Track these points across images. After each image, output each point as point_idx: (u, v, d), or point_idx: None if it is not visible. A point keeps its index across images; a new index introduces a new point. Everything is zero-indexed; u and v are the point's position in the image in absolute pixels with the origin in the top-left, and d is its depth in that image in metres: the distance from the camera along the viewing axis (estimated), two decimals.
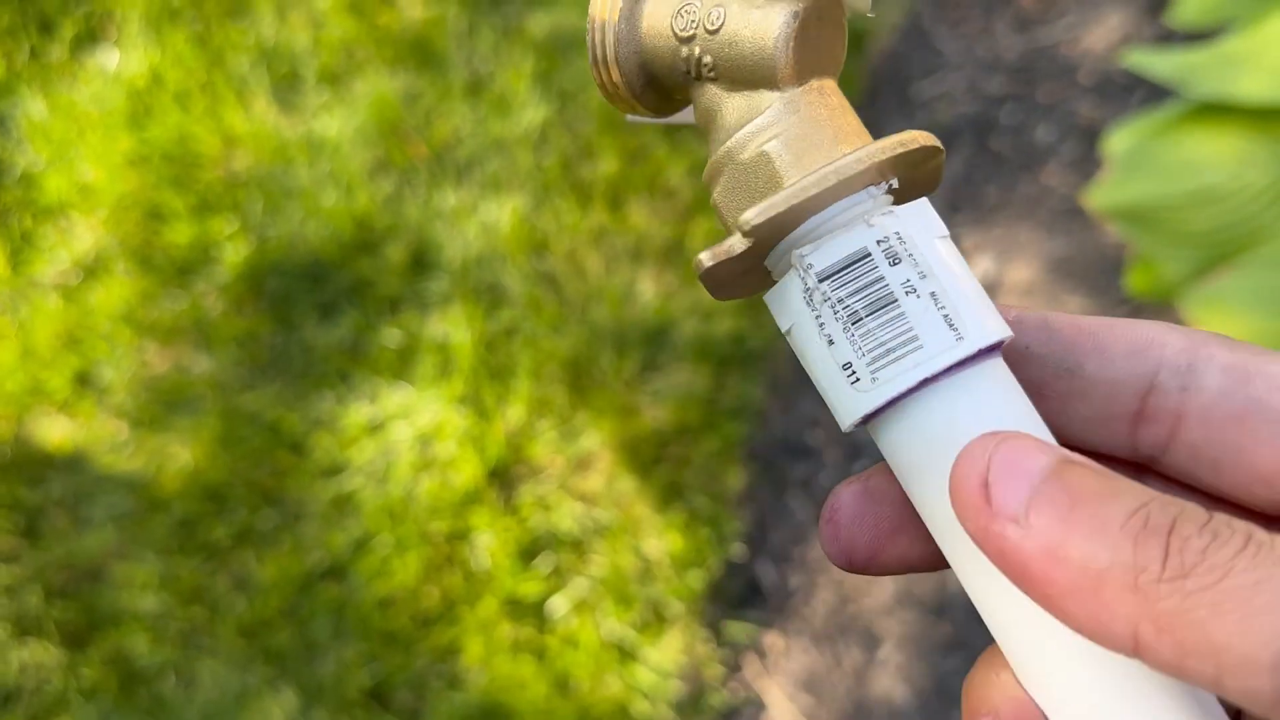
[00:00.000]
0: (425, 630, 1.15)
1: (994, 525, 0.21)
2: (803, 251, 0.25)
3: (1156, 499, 0.20)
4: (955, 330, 0.24)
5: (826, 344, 0.25)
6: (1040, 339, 0.27)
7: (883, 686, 1.12)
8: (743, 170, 0.27)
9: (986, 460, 0.22)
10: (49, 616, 1.17)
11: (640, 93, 0.30)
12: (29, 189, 1.45)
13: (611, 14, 0.29)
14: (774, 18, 0.27)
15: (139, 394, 1.29)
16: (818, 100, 0.27)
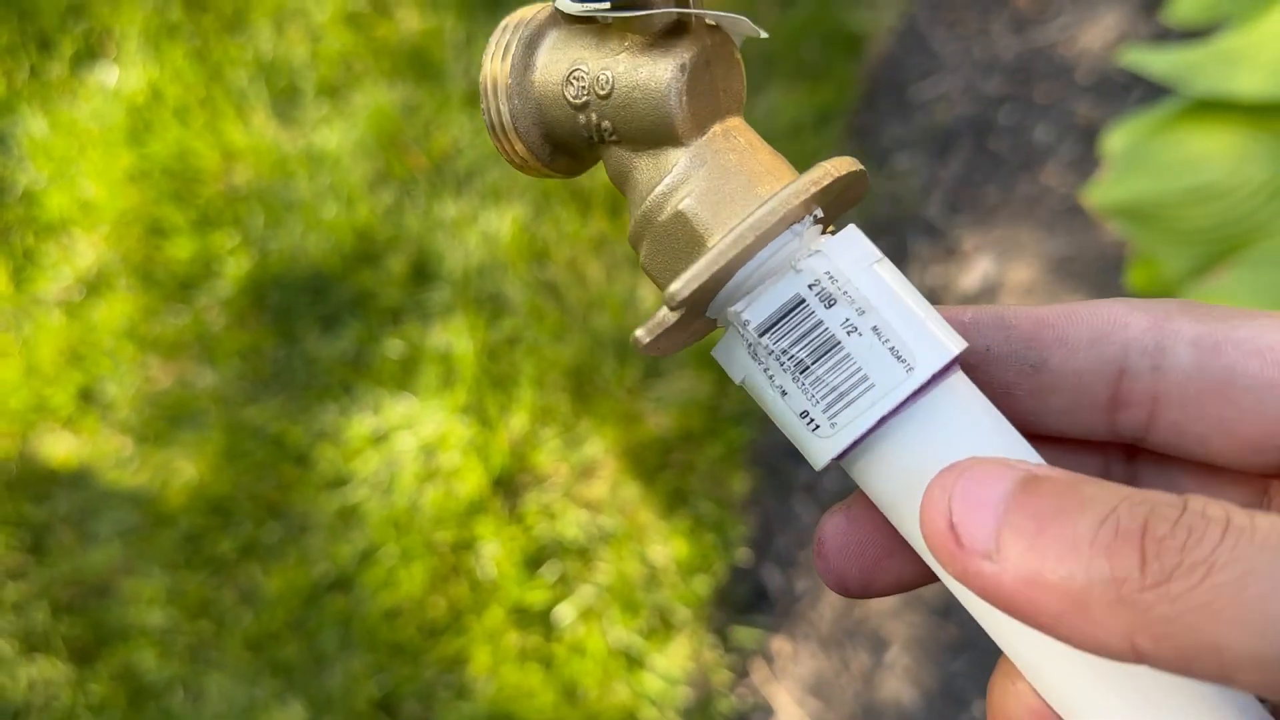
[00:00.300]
0: (432, 640, 1.15)
1: (970, 565, 0.20)
2: (737, 309, 0.25)
3: (1125, 500, 0.19)
4: (904, 362, 0.24)
5: (780, 395, 0.25)
6: (999, 339, 0.26)
7: (891, 689, 1.12)
8: (663, 232, 0.26)
9: (947, 500, 0.21)
10: (56, 633, 1.17)
11: (550, 161, 0.29)
12: (31, 206, 1.46)
13: (502, 87, 0.28)
14: (661, 74, 0.26)
15: (143, 409, 1.29)
16: (724, 146, 0.27)
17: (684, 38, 0.26)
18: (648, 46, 0.27)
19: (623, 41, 0.27)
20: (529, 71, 0.28)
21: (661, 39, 0.27)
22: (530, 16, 0.29)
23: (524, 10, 0.29)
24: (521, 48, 0.28)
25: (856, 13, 1.54)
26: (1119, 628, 0.18)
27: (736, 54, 0.28)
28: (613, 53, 0.27)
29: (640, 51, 0.27)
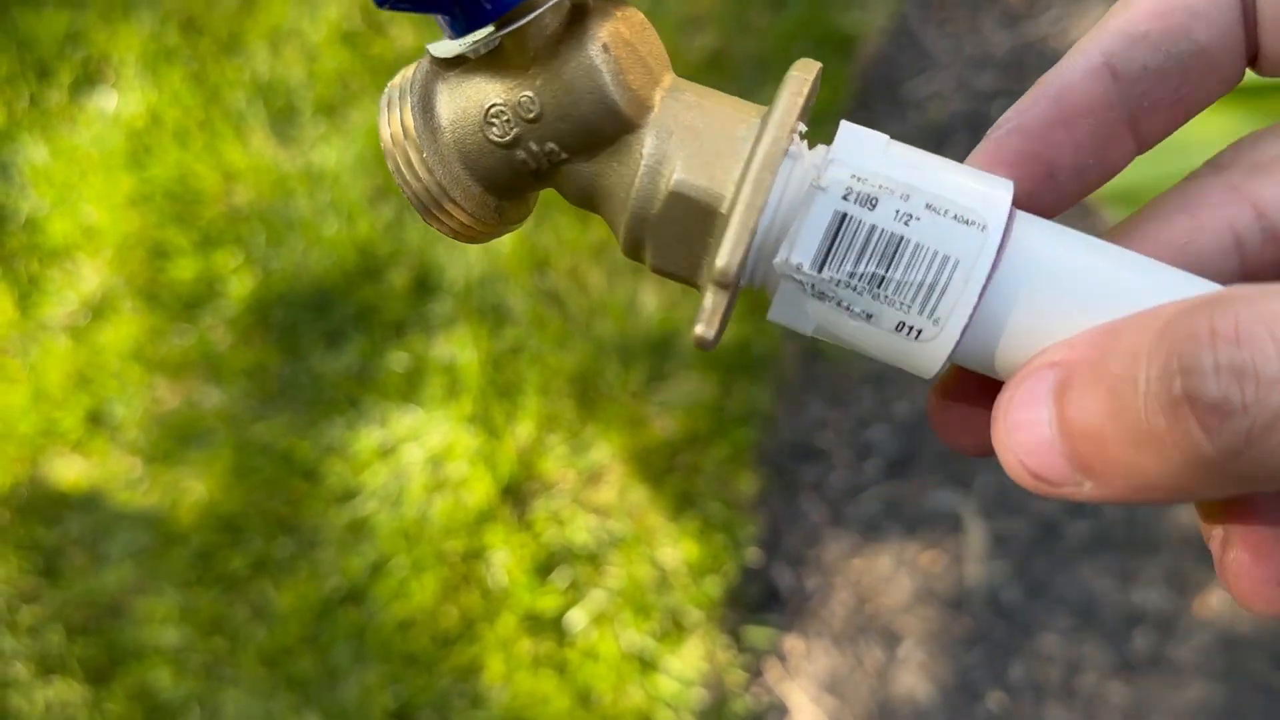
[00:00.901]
0: (446, 650, 1.15)
1: (1073, 495, 0.21)
2: (781, 258, 0.23)
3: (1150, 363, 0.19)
4: (973, 224, 0.22)
5: (866, 320, 0.23)
6: (1142, 56, 0.25)
7: (905, 684, 1.12)
8: (665, 223, 0.24)
9: (1010, 449, 0.21)
10: (71, 654, 1.17)
11: (499, 217, 0.27)
12: (34, 233, 1.47)
13: (417, 163, 0.26)
14: (586, 66, 0.24)
15: (151, 430, 1.30)
16: (680, 108, 0.25)
17: (587, 21, 0.24)
18: (555, 48, 0.24)
19: (525, 56, 0.24)
20: (438, 135, 0.25)
21: (565, 34, 0.24)
22: (410, 78, 0.26)
23: (398, 76, 0.26)
24: (418, 115, 0.25)
25: (848, 14, 1.55)
26: (1221, 486, 0.19)
27: (639, 15, 0.26)
28: (520, 73, 0.24)
29: (550, 57, 0.24)
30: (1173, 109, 0.25)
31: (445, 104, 0.25)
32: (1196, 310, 0.19)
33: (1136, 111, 0.25)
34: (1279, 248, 0.25)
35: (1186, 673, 1.09)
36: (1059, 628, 1.13)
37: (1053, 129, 0.25)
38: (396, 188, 1.41)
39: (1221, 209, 0.25)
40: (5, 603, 1.21)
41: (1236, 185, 0.26)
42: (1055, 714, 1.09)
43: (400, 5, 0.23)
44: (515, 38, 0.24)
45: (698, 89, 0.25)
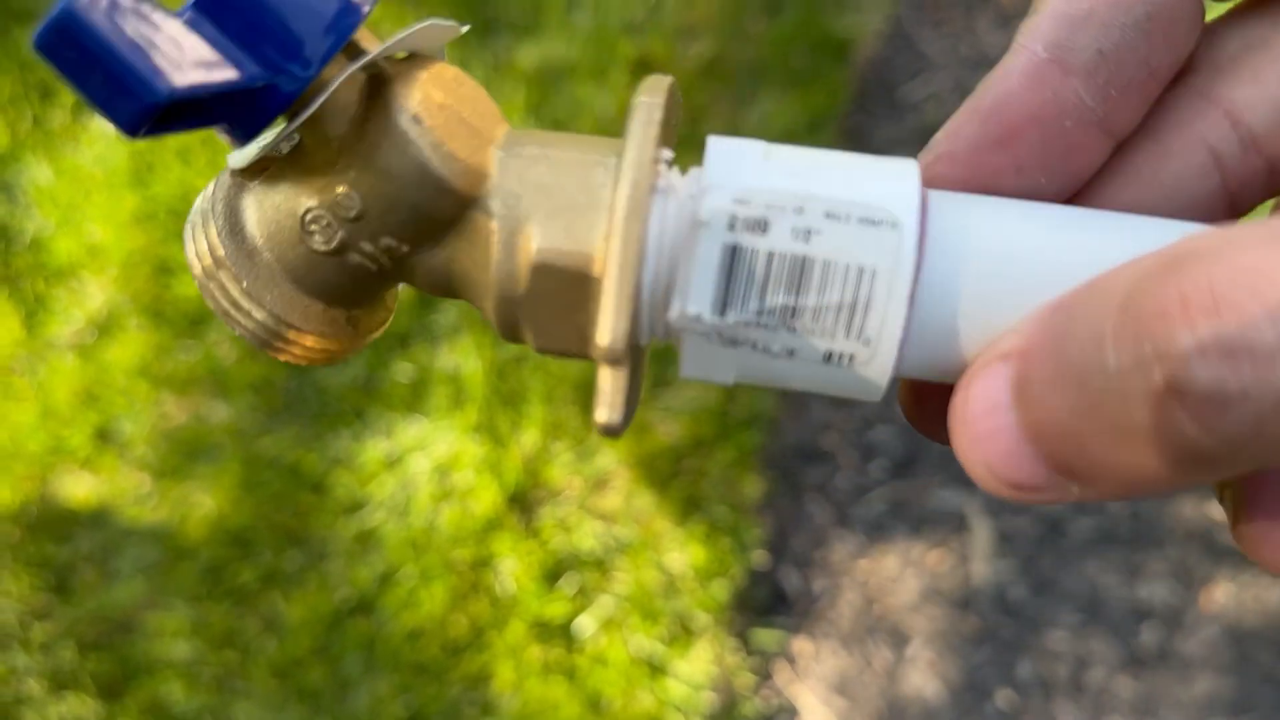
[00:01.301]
0: (456, 659, 1.16)
1: (1054, 498, 0.18)
2: (675, 312, 0.20)
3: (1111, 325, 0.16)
4: (882, 223, 0.19)
5: (789, 358, 0.20)
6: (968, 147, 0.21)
7: (914, 683, 1.12)
8: (536, 299, 0.21)
9: (977, 462, 0.19)
10: (84, 670, 1.18)
11: (355, 330, 0.24)
12: (39, 253, 1.48)
13: (242, 296, 0.22)
14: (401, 144, 0.21)
15: (159, 445, 1.31)
16: (523, 164, 0.21)
17: (388, 90, 0.21)
18: (360, 130, 0.21)
19: (329, 147, 0.21)
20: (255, 258, 0.22)
21: (368, 112, 0.21)
22: (211, 198, 0.23)
23: (199, 198, 0.23)
24: (228, 240, 0.22)
25: (843, 17, 1.56)
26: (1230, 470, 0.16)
27: (451, 69, 0.23)
28: (329, 168, 0.21)
29: (357, 142, 0.21)
30: (1148, 83, 0.21)
31: (255, 220, 0.22)
32: (1159, 276, 0.16)
33: (1103, 105, 0.21)
34: (1262, 156, 0.22)
35: (1195, 667, 1.09)
36: (1066, 624, 1.13)
37: (987, 153, 0.22)
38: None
39: (1190, 124, 0.22)
40: (17, 620, 1.21)
41: (1202, 91, 0.22)
42: (1064, 710, 1.09)
43: (161, 129, 0.18)
44: (311, 128, 0.21)
45: (540, 137, 0.22)
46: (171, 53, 0.18)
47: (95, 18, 0.17)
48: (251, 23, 0.19)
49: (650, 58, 1.53)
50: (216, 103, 0.19)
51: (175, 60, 0.17)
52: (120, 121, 0.17)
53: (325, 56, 0.20)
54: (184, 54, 0.18)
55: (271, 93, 0.19)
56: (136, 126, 0.17)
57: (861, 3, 1.58)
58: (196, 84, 0.18)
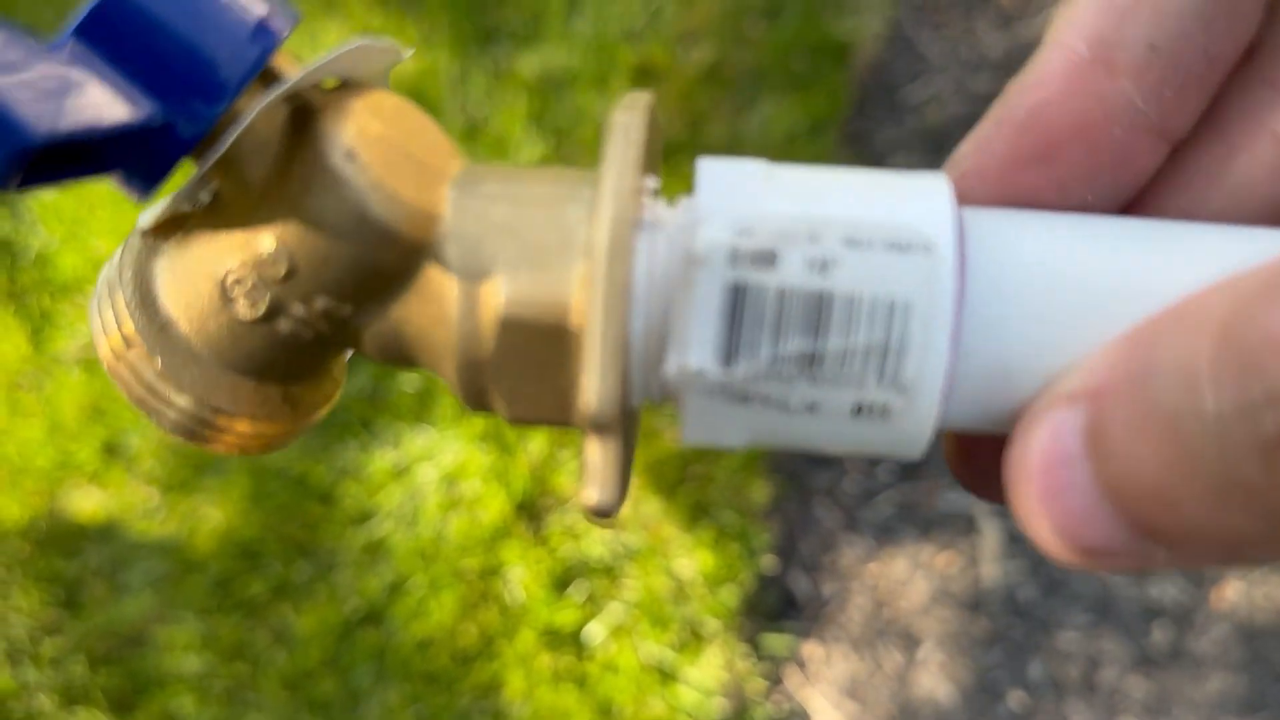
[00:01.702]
0: (466, 668, 1.16)
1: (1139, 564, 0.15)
2: (671, 368, 0.17)
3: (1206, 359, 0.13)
4: (914, 247, 0.16)
5: (810, 414, 0.17)
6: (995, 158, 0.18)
7: (926, 686, 1.12)
8: (505, 363, 0.18)
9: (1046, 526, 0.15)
10: (95, 684, 1.18)
11: (293, 410, 0.20)
12: (45, 269, 1.48)
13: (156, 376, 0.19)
14: (333, 181, 0.17)
15: (167, 459, 1.31)
16: (482, 204, 0.18)
17: (316, 122, 0.18)
18: (286, 170, 0.18)
19: (249, 197, 0.18)
20: (169, 331, 0.19)
21: (294, 149, 0.18)
22: (118, 267, 0.19)
23: (102, 275, 0.20)
24: (138, 313, 0.19)
25: (842, 21, 1.56)
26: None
27: (392, 97, 0.20)
28: (250, 219, 0.18)
29: (283, 184, 0.18)
30: (1209, 75, 0.18)
31: (168, 288, 0.19)
32: (1266, 298, 0.13)
33: (1157, 108, 0.18)
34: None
35: (1206, 665, 1.09)
36: (1077, 624, 1.13)
37: (1023, 170, 0.19)
38: None
39: (1256, 115, 0.19)
40: (28, 635, 1.22)
41: (1268, 79, 0.19)
42: (1077, 710, 1.09)
43: (42, 180, 0.15)
44: (226, 172, 0.17)
45: (501, 172, 0.19)
46: (47, 89, 0.15)
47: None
48: (144, 50, 0.16)
49: (651, 64, 1.54)
50: (107, 147, 0.16)
51: (50, 97, 0.15)
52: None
53: (237, 87, 0.17)
54: (62, 92, 0.15)
55: (173, 132, 0.16)
56: (7, 177, 0.14)
57: (861, 6, 1.58)
58: (77, 126, 0.15)
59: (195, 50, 0.16)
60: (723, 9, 1.59)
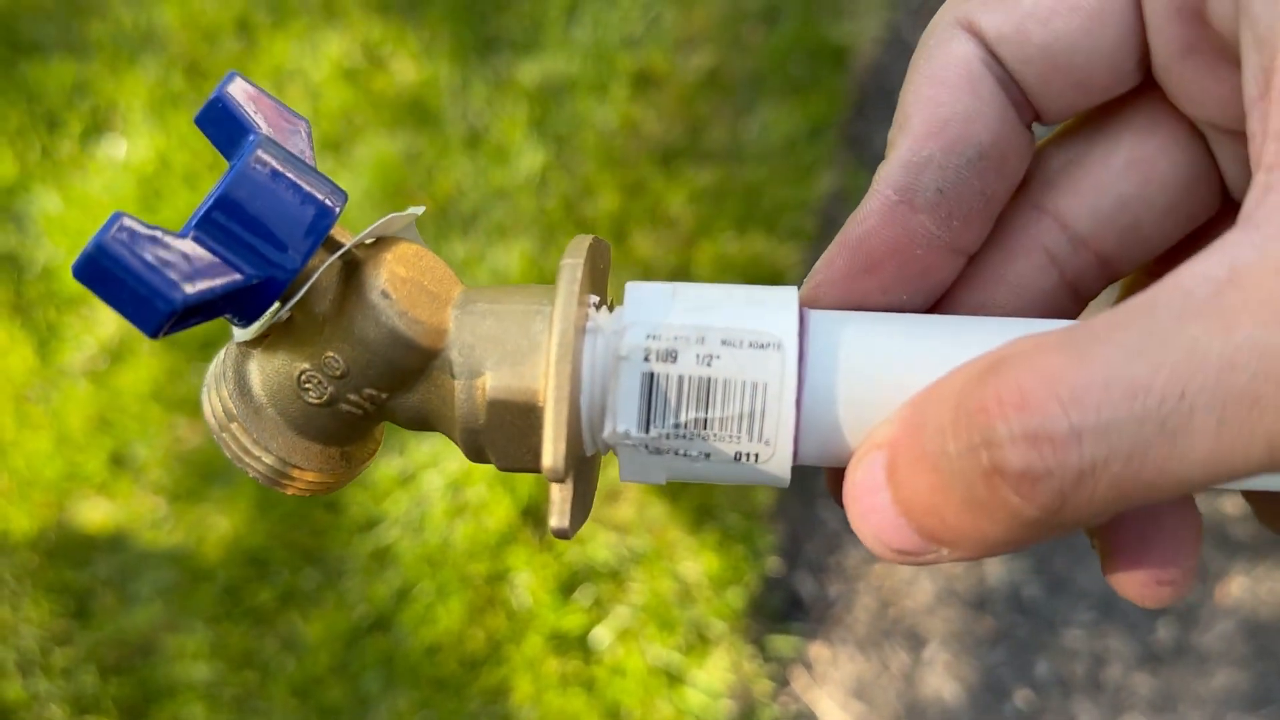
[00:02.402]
0: (474, 673, 1.16)
1: (932, 560, 0.22)
2: (607, 431, 0.24)
3: (949, 421, 0.20)
4: (768, 345, 0.23)
5: (706, 460, 0.24)
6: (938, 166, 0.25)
7: (932, 686, 1.12)
8: (493, 429, 0.25)
9: (866, 534, 0.22)
10: (105, 694, 1.19)
11: (347, 464, 0.27)
12: (50, 282, 1.49)
13: (251, 444, 0.26)
14: (373, 312, 0.25)
15: (174, 469, 1.32)
16: (475, 319, 0.26)
17: (362, 273, 0.25)
18: (340, 306, 0.25)
19: (316, 321, 0.25)
20: (261, 412, 0.26)
21: (346, 291, 0.25)
22: (222, 365, 0.27)
23: (212, 364, 0.28)
24: (238, 399, 0.26)
25: (840, 25, 1.57)
26: (1058, 532, 0.20)
27: (412, 246, 0.27)
28: (316, 335, 0.25)
29: (339, 315, 0.25)
30: (987, 208, 0.25)
31: (259, 381, 0.26)
32: (982, 379, 0.19)
33: (949, 232, 0.25)
34: (1091, 252, 0.26)
35: (1212, 661, 1.09)
36: (1082, 622, 1.13)
37: (856, 279, 0.26)
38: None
39: (1027, 230, 0.26)
40: (38, 646, 1.22)
41: (1035, 203, 0.27)
42: (1083, 708, 1.09)
43: (179, 327, 0.22)
44: (301, 308, 0.25)
45: (489, 294, 0.26)
46: (182, 267, 0.21)
47: (118, 248, 0.21)
48: (246, 233, 0.23)
49: (650, 71, 1.55)
50: (223, 300, 0.23)
51: (185, 273, 0.21)
52: (145, 328, 0.21)
53: (307, 254, 0.24)
54: (192, 267, 0.22)
55: (265, 287, 0.23)
56: (158, 331, 0.21)
57: (858, 10, 1.59)
58: (204, 290, 0.22)
59: (279, 232, 0.23)
60: (721, 15, 1.60)
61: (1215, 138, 0.26)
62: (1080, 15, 0.23)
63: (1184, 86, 0.24)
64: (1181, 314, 0.18)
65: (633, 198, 1.43)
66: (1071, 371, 0.18)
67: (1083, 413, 0.18)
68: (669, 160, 1.47)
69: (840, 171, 1.46)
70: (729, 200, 1.43)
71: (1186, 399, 0.18)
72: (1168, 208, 0.26)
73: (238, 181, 0.23)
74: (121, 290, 0.21)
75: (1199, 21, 0.23)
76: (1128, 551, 0.25)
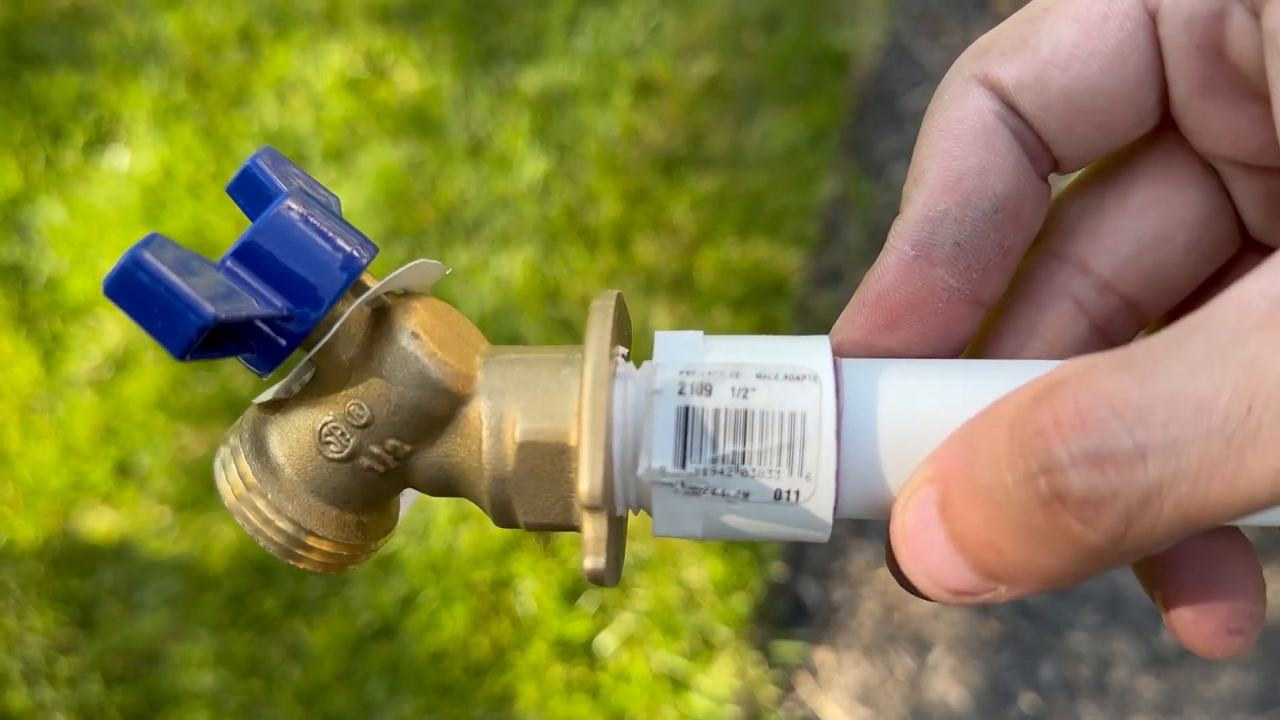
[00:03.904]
0: (479, 680, 1.16)
1: (989, 599, 0.21)
2: (643, 469, 0.23)
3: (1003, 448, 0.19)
4: (804, 377, 0.23)
5: (745, 501, 0.23)
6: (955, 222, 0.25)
7: (937, 690, 1.12)
8: (523, 477, 0.25)
9: (919, 576, 0.21)
10: (111, 703, 1.19)
11: (364, 536, 0.27)
12: (55, 292, 1.50)
13: (266, 509, 0.26)
14: (403, 353, 0.25)
15: (178, 478, 1.32)
16: (503, 367, 0.25)
17: (391, 317, 0.25)
18: (368, 350, 0.25)
19: (342, 368, 0.25)
20: (279, 474, 0.26)
21: (374, 335, 0.25)
22: (239, 431, 0.27)
23: (228, 433, 0.27)
24: (254, 462, 0.26)
25: (840, 31, 1.57)
26: (1121, 561, 0.19)
27: (441, 302, 0.27)
28: (342, 384, 0.25)
29: (365, 360, 0.25)
30: (1004, 260, 0.25)
31: (278, 441, 0.26)
32: (1038, 402, 0.19)
33: (967, 285, 0.25)
34: (1117, 295, 0.27)
35: (1217, 663, 1.09)
36: (1087, 625, 1.13)
37: (877, 336, 0.25)
38: (409, 226, 1.43)
39: (1052, 280, 0.27)
40: (43, 655, 1.22)
41: (1057, 253, 0.27)
42: (1089, 711, 1.09)
43: (200, 355, 0.22)
44: (326, 355, 0.25)
45: (516, 349, 0.26)
46: (214, 289, 0.22)
47: (153, 262, 0.21)
48: (276, 271, 0.23)
49: (651, 79, 1.55)
50: (248, 332, 0.24)
51: (216, 295, 0.22)
52: (174, 345, 0.21)
53: (334, 298, 0.24)
54: (223, 291, 0.22)
55: (290, 328, 0.24)
56: (186, 348, 0.21)
57: (859, 16, 1.59)
58: (232, 311, 0.22)
59: (304, 276, 0.24)
60: (722, 22, 1.60)
61: (1231, 174, 0.26)
62: (1100, 58, 0.24)
63: (1203, 122, 0.24)
64: (1239, 330, 0.17)
65: (635, 205, 1.43)
66: (1132, 389, 0.18)
67: (1148, 430, 0.17)
68: (671, 167, 1.48)
69: (842, 177, 1.46)
70: (731, 207, 1.43)
71: (1253, 414, 0.17)
72: (1187, 246, 0.26)
73: (271, 222, 0.24)
74: (153, 305, 0.21)
75: (1218, 57, 0.23)
76: (1192, 600, 0.24)
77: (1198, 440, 0.17)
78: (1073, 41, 0.24)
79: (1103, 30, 0.24)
